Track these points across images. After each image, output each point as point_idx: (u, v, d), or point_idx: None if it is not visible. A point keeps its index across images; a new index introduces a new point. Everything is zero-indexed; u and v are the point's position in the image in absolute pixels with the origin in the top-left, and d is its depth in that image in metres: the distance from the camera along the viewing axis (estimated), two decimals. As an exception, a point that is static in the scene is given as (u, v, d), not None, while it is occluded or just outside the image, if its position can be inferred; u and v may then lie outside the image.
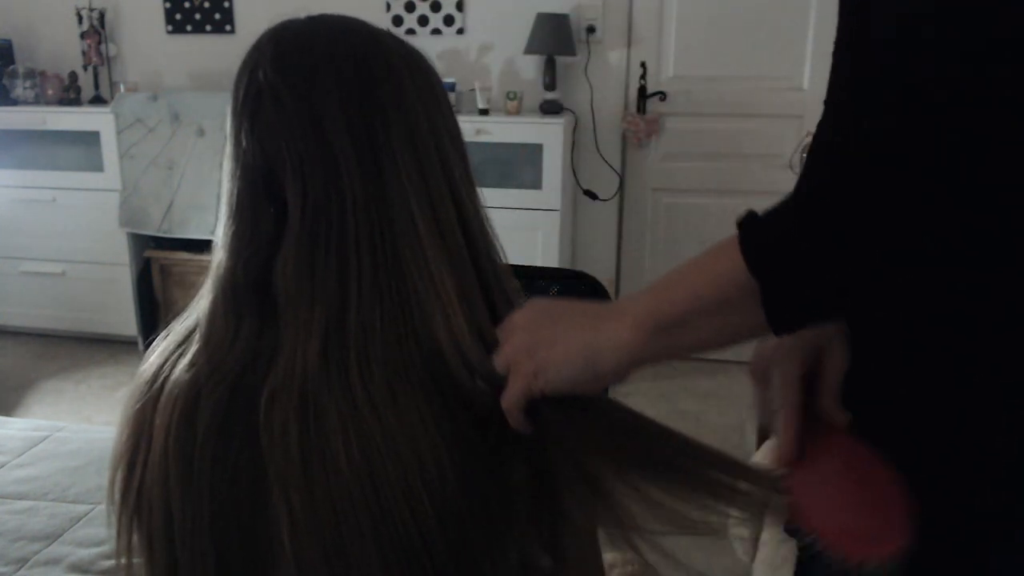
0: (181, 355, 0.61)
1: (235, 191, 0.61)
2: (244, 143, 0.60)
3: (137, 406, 0.61)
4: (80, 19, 3.50)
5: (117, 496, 0.62)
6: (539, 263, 3.00)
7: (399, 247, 0.59)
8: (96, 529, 1.36)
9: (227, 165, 0.62)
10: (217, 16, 3.51)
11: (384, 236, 0.58)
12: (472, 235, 0.63)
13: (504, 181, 3.03)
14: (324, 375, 0.56)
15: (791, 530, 0.57)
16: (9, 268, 3.51)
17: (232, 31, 3.51)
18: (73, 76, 3.50)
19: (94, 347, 3.49)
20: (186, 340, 0.62)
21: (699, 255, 0.56)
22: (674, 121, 3.22)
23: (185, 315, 0.65)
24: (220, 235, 0.62)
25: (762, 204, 0.55)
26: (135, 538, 0.61)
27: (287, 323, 0.58)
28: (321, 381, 0.56)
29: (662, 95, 3.20)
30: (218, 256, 0.62)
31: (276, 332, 0.58)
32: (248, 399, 0.57)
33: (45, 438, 1.66)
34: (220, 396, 0.57)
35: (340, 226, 0.58)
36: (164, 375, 0.61)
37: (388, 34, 0.65)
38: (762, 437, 2.03)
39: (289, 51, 0.61)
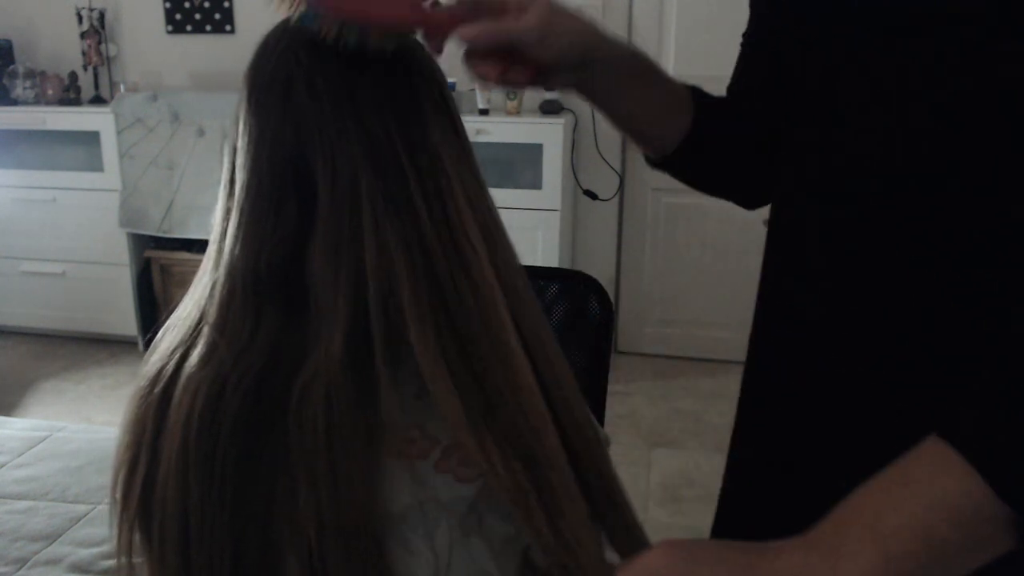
0: (187, 352, 0.59)
1: (256, 178, 0.59)
2: (272, 127, 0.59)
3: (141, 407, 0.60)
4: (80, 19, 3.50)
5: (119, 497, 0.61)
6: (539, 263, 3.00)
7: (446, 241, 0.58)
8: (96, 529, 1.36)
9: (247, 151, 0.60)
10: (217, 16, 3.51)
11: (419, 230, 0.58)
12: (494, 235, 0.63)
13: (504, 181, 3.03)
14: (351, 368, 0.55)
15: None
16: (9, 268, 3.51)
17: (232, 31, 3.50)
18: (73, 76, 3.50)
19: (94, 347, 3.49)
20: (190, 336, 0.60)
21: (891, 470, 0.47)
22: (674, 121, 3.22)
23: (180, 310, 0.63)
24: (231, 225, 0.60)
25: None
26: (136, 538, 0.60)
27: (320, 315, 0.57)
28: (349, 373, 0.55)
29: (662, 95, 3.19)
30: (229, 246, 0.60)
31: (305, 324, 0.57)
32: (275, 392, 0.56)
33: (45, 438, 1.66)
34: (247, 388, 0.56)
35: (373, 219, 0.57)
36: (168, 374, 0.59)
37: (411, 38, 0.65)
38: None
39: (304, 46, 0.60)
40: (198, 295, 0.62)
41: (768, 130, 0.76)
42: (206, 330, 0.59)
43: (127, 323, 3.46)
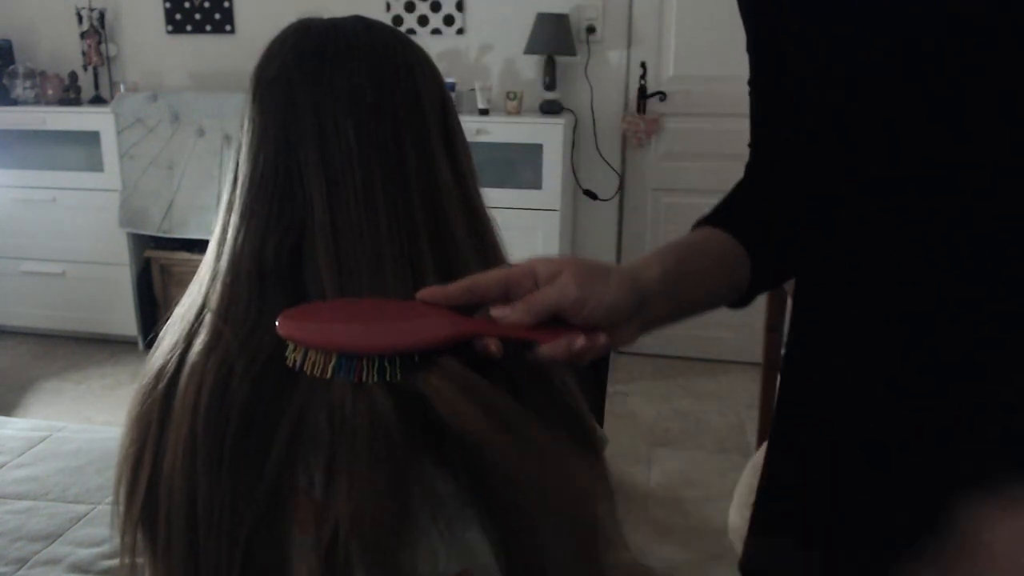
0: (190, 343, 0.60)
1: (259, 171, 0.61)
2: (275, 123, 0.61)
3: (145, 403, 0.60)
4: (80, 19, 3.50)
5: (123, 495, 0.60)
6: (539, 263, 3.00)
7: (416, 246, 0.60)
8: (96, 529, 1.36)
9: (251, 146, 0.62)
10: (217, 16, 3.51)
11: (415, 224, 0.60)
12: (481, 235, 0.65)
13: (504, 181, 3.03)
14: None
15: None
16: (9, 268, 3.51)
17: (232, 31, 3.50)
18: (73, 76, 3.50)
19: (94, 347, 3.49)
20: (192, 328, 0.61)
21: None
22: (674, 121, 3.22)
23: (179, 308, 0.64)
24: (234, 217, 0.62)
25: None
26: (139, 538, 0.60)
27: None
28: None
29: (662, 95, 3.20)
30: (232, 236, 0.61)
31: None
32: (282, 380, 0.56)
33: (45, 438, 1.67)
34: (256, 376, 0.56)
35: (363, 221, 0.59)
36: (172, 369, 0.59)
37: (405, 37, 0.66)
38: (762, 437, 2.03)
39: (309, 49, 0.62)
40: (197, 290, 0.63)
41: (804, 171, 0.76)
42: (209, 318, 0.60)
43: (127, 323, 3.46)
